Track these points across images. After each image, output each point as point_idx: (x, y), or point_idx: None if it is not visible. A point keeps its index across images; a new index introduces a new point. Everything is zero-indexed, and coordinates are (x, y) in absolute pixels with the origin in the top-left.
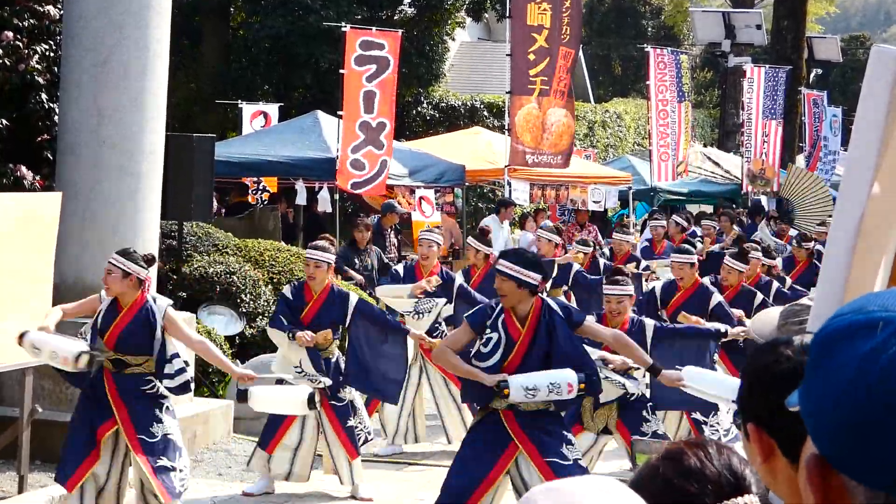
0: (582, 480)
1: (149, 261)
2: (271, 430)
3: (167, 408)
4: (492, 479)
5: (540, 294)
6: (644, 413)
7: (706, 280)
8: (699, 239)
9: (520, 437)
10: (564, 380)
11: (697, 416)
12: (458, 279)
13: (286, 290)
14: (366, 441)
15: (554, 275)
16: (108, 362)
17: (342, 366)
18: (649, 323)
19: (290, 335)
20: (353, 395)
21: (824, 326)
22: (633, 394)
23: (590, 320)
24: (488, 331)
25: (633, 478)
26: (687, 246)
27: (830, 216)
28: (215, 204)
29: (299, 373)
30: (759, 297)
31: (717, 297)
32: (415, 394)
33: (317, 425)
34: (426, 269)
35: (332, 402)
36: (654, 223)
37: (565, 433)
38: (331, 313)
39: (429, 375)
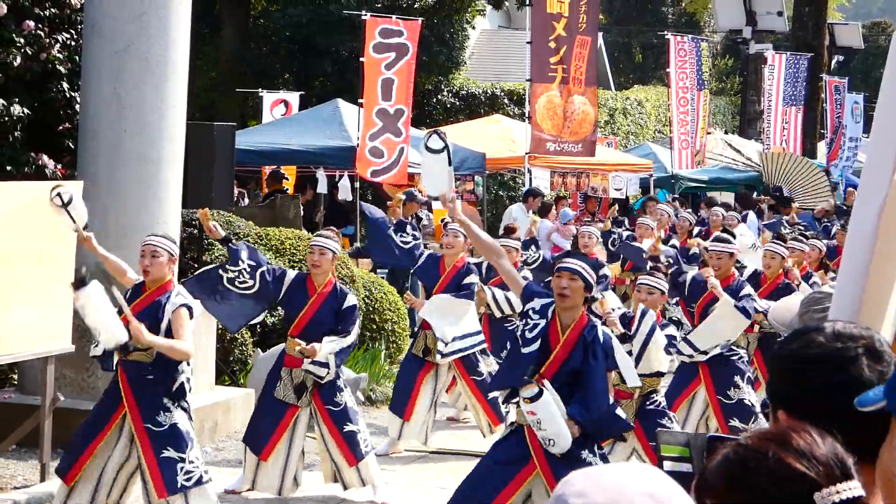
0: (622, 466)
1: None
2: (264, 432)
3: (177, 397)
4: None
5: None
6: (663, 420)
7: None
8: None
9: (539, 456)
10: (563, 438)
11: (735, 423)
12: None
13: (290, 274)
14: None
15: None
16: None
17: (339, 370)
18: None
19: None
20: (348, 399)
21: None
22: (652, 401)
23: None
24: (534, 313)
25: (720, 461)
26: (725, 235)
27: (826, 195)
28: (236, 193)
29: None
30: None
31: (746, 290)
32: (440, 389)
33: (304, 432)
34: (450, 260)
35: (328, 408)
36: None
37: (584, 454)
38: (329, 315)
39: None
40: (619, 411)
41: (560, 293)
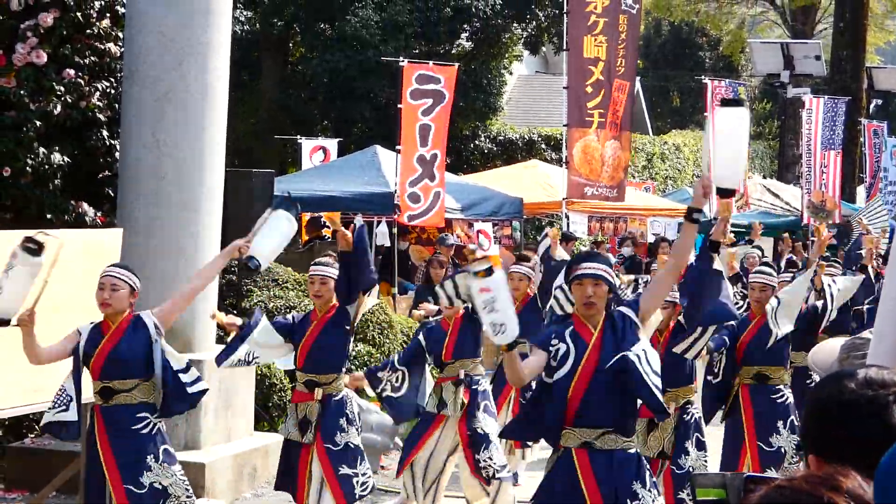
0: None
1: None
2: (290, 476)
3: (164, 452)
4: None
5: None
6: (686, 444)
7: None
8: None
9: (591, 488)
10: (514, 323)
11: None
12: None
13: (289, 315)
14: (365, 488)
15: None
16: (96, 395)
17: (347, 405)
18: None
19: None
20: (351, 439)
21: None
22: (690, 416)
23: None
24: (555, 341)
25: (763, 499)
26: (766, 268)
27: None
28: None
29: None
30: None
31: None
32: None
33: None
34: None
35: (327, 446)
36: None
37: (639, 489)
38: (334, 336)
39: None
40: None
41: (586, 302)
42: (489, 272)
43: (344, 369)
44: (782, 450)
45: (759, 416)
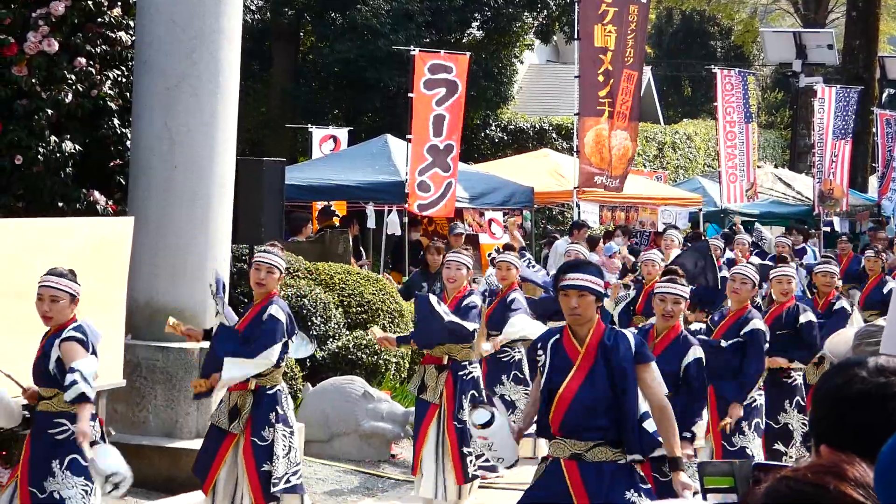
0: None
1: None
2: (206, 462)
3: (71, 461)
4: None
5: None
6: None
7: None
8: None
9: (581, 500)
10: (512, 454)
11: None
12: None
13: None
14: (278, 487)
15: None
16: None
17: (280, 401)
18: None
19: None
20: (278, 435)
21: None
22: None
23: (654, 367)
24: (540, 353)
25: (768, 491)
26: (748, 264)
27: None
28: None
29: None
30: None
31: (808, 315)
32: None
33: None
34: (452, 292)
35: (254, 439)
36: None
37: (634, 498)
38: (254, 331)
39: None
40: (648, 424)
41: (572, 314)
42: (488, 424)
43: (283, 364)
44: (746, 450)
45: (722, 415)
